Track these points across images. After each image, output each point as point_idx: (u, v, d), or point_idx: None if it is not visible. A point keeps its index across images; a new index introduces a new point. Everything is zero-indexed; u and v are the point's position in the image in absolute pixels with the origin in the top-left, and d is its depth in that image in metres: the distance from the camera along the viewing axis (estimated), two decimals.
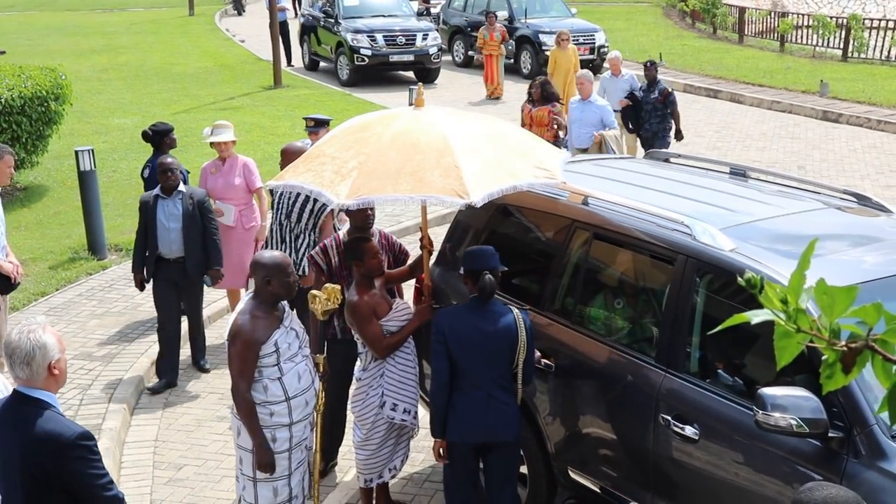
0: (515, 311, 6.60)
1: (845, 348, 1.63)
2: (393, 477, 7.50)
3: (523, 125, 13.95)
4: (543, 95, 14.36)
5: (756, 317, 1.69)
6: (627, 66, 17.73)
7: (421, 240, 7.37)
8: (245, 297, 6.78)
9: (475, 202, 6.29)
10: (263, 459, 6.48)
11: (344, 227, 8.11)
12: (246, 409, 6.43)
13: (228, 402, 9.43)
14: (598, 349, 6.86)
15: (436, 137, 6.61)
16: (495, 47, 24.41)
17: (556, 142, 14.35)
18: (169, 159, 9.87)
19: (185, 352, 10.21)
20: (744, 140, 19.86)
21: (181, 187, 9.79)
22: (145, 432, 9.07)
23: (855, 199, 7.33)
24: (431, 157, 6.46)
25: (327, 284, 7.07)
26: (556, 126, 14.18)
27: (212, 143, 10.82)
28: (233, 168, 10.76)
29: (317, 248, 7.93)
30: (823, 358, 1.68)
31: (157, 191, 9.84)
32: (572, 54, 20.23)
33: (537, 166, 6.72)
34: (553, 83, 16.45)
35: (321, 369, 6.92)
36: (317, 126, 10.51)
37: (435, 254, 7.77)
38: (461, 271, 6.75)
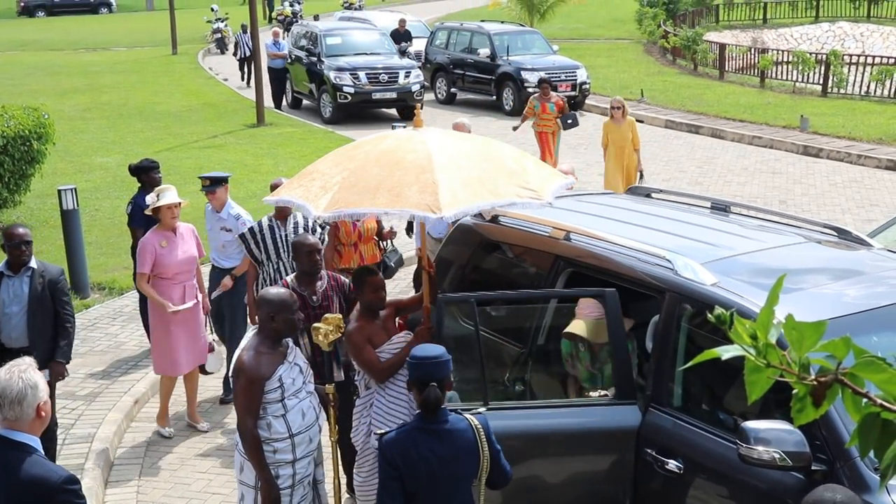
0: (470, 418, 5.72)
1: (815, 382, 1.65)
2: None
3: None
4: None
5: (726, 352, 1.71)
6: (609, 103, 17.78)
7: (419, 261, 7.45)
8: (250, 332, 6.81)
9: (446, 217, 6.38)
10: (269, 495, 6.47)
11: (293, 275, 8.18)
12: (252, 444, 6.43)
13: (217, 442, 9.44)
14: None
15: (420, 155, 6.70)
16: (550, 122, 18.24)
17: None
18: (20, 229, 8.29)
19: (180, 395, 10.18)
20: (725, 175, 19.96)
21: (33, 262, 8.27)
22: (128, 472, 9.02)
23: (836, 234, 7.39)
24: (412, 174, 6.55)
25: (328, 315, 7.10)
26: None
27: (158, 210, 9.33)
28: (184, 236, 9.49)
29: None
30: (794, 392, 1.70)
31: (2, 267, 8.34)
32: (628, 128, 16.12)
33: (522, 186, 6.74)
34: (607, 167, 16.02)
35: (332, 399, 6.91)
36: (213, 185, 10.20)
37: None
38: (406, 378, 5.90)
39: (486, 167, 6.83)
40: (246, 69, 33.30)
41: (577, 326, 6.95)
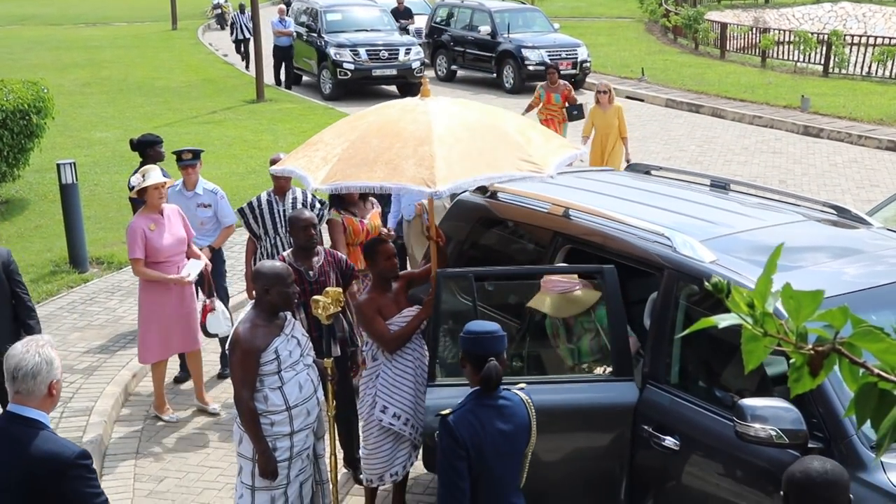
0: (521, 395, 5.54)
1: (812, 352, 1.64)
2: (395, 481, 7.51)
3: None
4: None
5: (723, 321, 1.71)
6: (610, 82, 17.67)
7: (427, 230, 7.46)
8: (248, 306, 6.83)
9: (440, 192, 6.37)
10: (267, 467, 6.48)
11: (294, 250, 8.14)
12: (249, 416, 6.44)
13: (214, 415, 9.44)
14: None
15: (420, 126, 6.70)
16: (556, 112, 17.09)
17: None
18: None
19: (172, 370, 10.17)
20: (725, 154, 19.93)
21: None
22: (126, 445, 9.04)
23: (835, 212, 7.38)
24: (410, 146, 6.56)
25: (328, 288, 7.10)
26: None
27: (145, 191, 9.01)
28: (171, 218, 9.22)
29: None
30: (791, 362, 1.69)
31: None
32: (614, 115, 15.46)
33: (523, 159, 6.72)
34: (590, 155, 15.09)
35: (330, 373, 6.92)
36: (195, 158, 10.01)
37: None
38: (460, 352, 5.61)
39: (487, 139, 6.81)
40: (244, 50, 32.54)
41: (537, 301, 6.94)
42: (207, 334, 9.28)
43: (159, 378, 9.51)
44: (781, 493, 4.16)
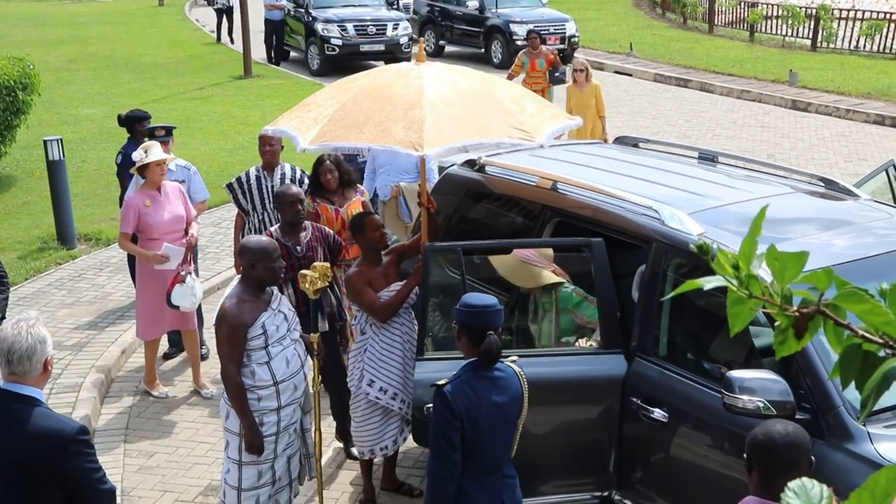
0: (514, 367, 5.57)
1: (797, 314, 1.65)
2: (385, 456, 7.54)
3: None
4: None
5: (709, 283, 1.71)
6: (598, 57, 17.61)
7: (419, 196, 7.45)
8: (234, 281, 6.81)
9: (427, 155, 6.39)
10: (253, 442, 6.48)
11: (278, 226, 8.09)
12: (235, 391, 6.44)
13: (203, 390, 9.44)
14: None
15: (412, 90, 6.70)
16: (540, 79, 16.58)
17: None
18: None
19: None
20: (714, 129, 19.94)
21: None
22: (116, 420, 9.04)
23: (823, 184, 7.39)
24: (401, 109, 6.57)
25: (316, 263, 7.09)
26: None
27: (146, 168, 8.92)
28: (169, 195, 9.12)
29: None
30: (776, 324, 1.70)
31: None
32: (591, 93, 14.79)
33: (514, 126, 6.71)
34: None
35: (316, 348, 6.91)
36: (168, 134, 9.82)
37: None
38: (454, 324, 5.60)
39: (479, 105, 6.81)
40: (225, 22, 32.20)
41: (498, 260, 6.94)
42: (171, 305, 9.10)
43: (152, 354, 9.50)
44: (744, 455, 4.17)
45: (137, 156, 8.97)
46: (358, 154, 10.13)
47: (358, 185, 9.30)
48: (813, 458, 4.24)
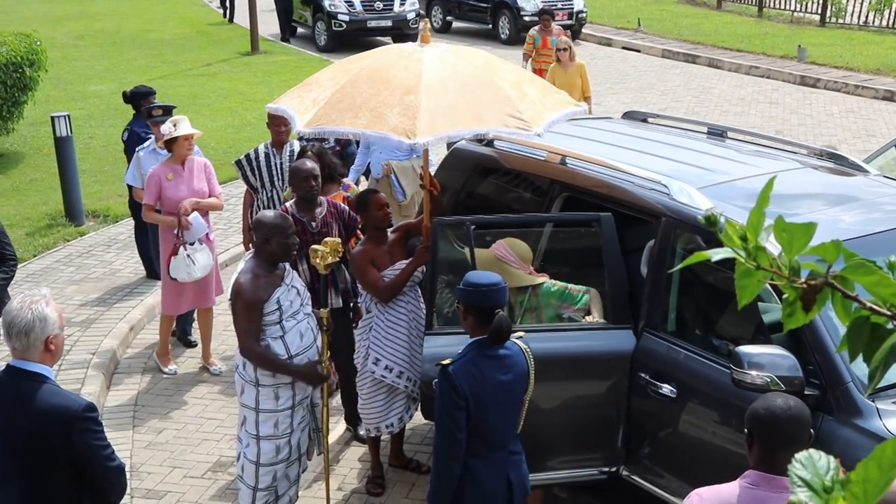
0: (520, 344, 5.59)
1: (805, 286, 1.65)
2: (391, 433, 7.58)
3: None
4: None
5: (716, 254, 1.71)
6: (606, 32, 17.51)
7: (421, 178, 7.44)
8: (246, 256, 6.80)
9: (418, 144, 6.36)
10: (309, 374, 6.53)
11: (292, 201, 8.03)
12: (262, 360, 6.46)
13: (213, 367, 9.46)
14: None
15: (411, 74, 6.67)
16: (550, 58, 15.91)
17: None
18: None
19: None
20: (722, 105, 19.87)
21: None
22: (124, 396, 9.07)
23: (831, 159, 7.37)
24: (397, 94, 6.54)
25: (328, 238, 7.08)
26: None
27: (174, 141, 8.97)
28: (193, 171, 9.17)
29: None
30: (784, 296, 1.70)
31: None
32: (576, 73, 14.67)
33: (512, 115, 6.67)
34: None
35: (325, 323, 6.92)
36: (165, 114, 9.73)
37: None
38: (458, 304, 5.59)
39: (477, 92, 6.76)
40: (228, 2, 31.94)
41: (480, 253, 6.81)
42: (170, 278, 9.08)
43: (167, 328, 9.55)
44: (745, 430, 4.15)
45: (167, 129, 8.97)
46: (356, 139, 10.09)
47: (342, 180, 8.97)
48: (812, 431, 4.23)
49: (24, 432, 4.72)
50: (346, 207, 8.09)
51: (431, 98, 6.51)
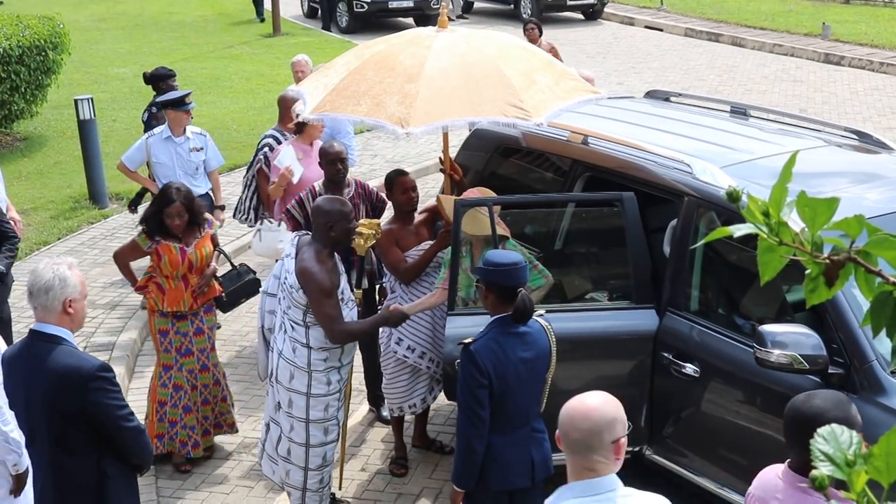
0: (541, 321, 5.61)
1: (828, 261, 1.64)
2: (414, 414, 7.61)
3: None
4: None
5: (739, 230, 1.70)
6: (628, 12, 17.42)
7: (441, 162, 7.45)
8: (293, 239, 6.72)
9: (411, 133, 6.35)
10: (391, 318, 6.64)
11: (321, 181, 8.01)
12: (356, 333, 6.62)
13: (235, 348, 9.48)
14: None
15: (416, 62, 6.68)
16: None
17: None
18: None
19: None
20: (745, 83, 19.76)
21: None
22: (148, 380, 9.08)
23: (856, 137, 7.32)
24: (399, 81, 6.57)
25: (368, 220, 7.04)
26: None
27: (302, 123, 8.47)
28: (313, 154, 8.61)
29: (293, 201, 7.84)
30: (807, 272, 1.69)
31: None
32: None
33: (512, 104, 6.61)
34: None
35: (358, 304, 6.91)
36: (184, 104, 9.57)
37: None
38: (479, 282, 5.61)
39: (480, 81, 6.70)
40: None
41: (446, 201, 6.91)
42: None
43: None
44: (786, 434, 4.02)
45: (300, 108, 8.68)
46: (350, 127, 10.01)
47: (207, 217, 7.98)
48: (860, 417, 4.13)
49: (43, 392, 4.92)
50: (374, 189, 8.06)
51: (431, 87, 6.50)
